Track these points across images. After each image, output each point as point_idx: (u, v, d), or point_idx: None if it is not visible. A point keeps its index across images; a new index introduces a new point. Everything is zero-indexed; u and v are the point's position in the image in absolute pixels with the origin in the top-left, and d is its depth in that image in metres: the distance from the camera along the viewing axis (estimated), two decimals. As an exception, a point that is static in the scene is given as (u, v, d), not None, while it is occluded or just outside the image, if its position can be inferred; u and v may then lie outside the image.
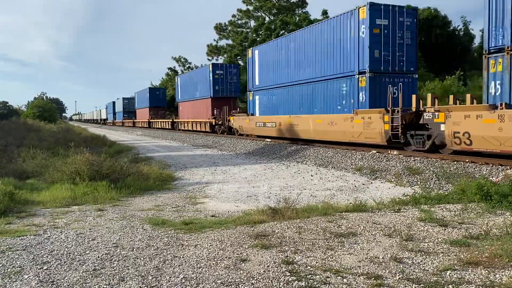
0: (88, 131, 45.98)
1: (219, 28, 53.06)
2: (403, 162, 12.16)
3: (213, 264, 4.69)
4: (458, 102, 12.25)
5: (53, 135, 26.07)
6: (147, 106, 50.62)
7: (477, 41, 44.92)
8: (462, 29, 42.35)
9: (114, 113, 77.77)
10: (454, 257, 4.74)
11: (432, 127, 12.12)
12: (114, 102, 78.54)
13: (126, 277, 4.35)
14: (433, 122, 12.03)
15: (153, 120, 48.94)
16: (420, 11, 40.82)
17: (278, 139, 20.94)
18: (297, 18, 41.19)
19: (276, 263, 4.64)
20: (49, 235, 6.04)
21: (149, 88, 52.37)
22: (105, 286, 4.13)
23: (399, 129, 12.96)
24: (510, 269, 4.30)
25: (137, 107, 58.75)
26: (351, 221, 6.40)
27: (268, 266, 4.57)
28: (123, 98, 67.61)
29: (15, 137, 20.95)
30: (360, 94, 15.10)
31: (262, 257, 4.88)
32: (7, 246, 5.47)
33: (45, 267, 4.68)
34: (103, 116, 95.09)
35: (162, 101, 50.98)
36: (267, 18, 46.86)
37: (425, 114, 12.36)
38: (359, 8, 14.94)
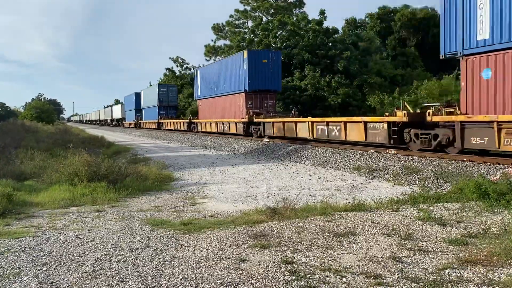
0: (86, 132, 45.90)
1: (217, 29, 53.02)
2: (401, 161, 12.18)
3: (212, 264, 4.69)
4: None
5: (51, 136, 26.03)
6: (240, 90, 24.94)
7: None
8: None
9: (139, 110, 54.29)
10: (453, 255, 4.76)
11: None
12: (138, 94, 55.08)
13: (125, 278, 4.34)
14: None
15: (270, 121, 21.69)
16: (417, 10, 40.96)
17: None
18: (295, 18, 41.21)
19: (276, 263, 4.65)
20: (48, 236, 6.03)
21: (249, 51, 24.93)
22: (104, 287, 4.13)
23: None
24: (508, 267, 4.31)
25: (202, 95, 32.08)
26: (350, 221, 6.41)
27: (268, 266, 4.58)
28: (159, 85, 46.07)
29: (12, 139, 20.91)
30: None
31: (261, 257, 4.88)
32: (5, 248, 5.46)
33: (44, 269, 4.68)
34: (117, 115, 71.48)
35: (274, 81, 25.07)
36: (264, 19, 46.87)
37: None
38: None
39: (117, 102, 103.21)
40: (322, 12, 39.04)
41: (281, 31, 40.35)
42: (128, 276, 4.39)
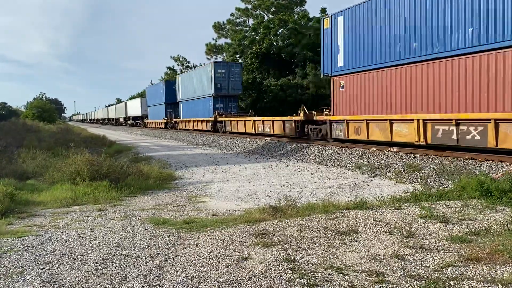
0: (88, 131, 45.95)
1: (218, 27, 52.99)
2: (403, 159, 12.17)
3: (214, 262, 4.70)
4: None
5: (52, 136, 26.07)
6: None
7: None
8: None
9: (172, 104, 40.68)
10: (455, 253, 4.75)
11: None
12: (170, 83, 41.92)
13: (128, 277, 4.35)
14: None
15: None
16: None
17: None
18: (296, 17, 41.15)
19: (278, 261, 4.65)
20: (50, 235, 6.04)
21: None
22: (107, 286, 4.14)
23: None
24: (511, 265, 4.31)
25: (348, 66, 15.27)
26: (352, 219, 6.41)
27: (270, 264, 4.58)
28: (215, 64, 29.78)
29: (14, 138, 20.94)
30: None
31: (263, 255, 4.89)
32: (8, 247, 5.48)
33: (47, 267, 4.69)
34: (134, 112, 57.84)
35: None
36: (265, 17, 46.82)
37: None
38: None
39: (118, 101, 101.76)
40: (323, 10, 38.94)
41: (282, 29, 40.28)
42: (130, 275, 4.40)
